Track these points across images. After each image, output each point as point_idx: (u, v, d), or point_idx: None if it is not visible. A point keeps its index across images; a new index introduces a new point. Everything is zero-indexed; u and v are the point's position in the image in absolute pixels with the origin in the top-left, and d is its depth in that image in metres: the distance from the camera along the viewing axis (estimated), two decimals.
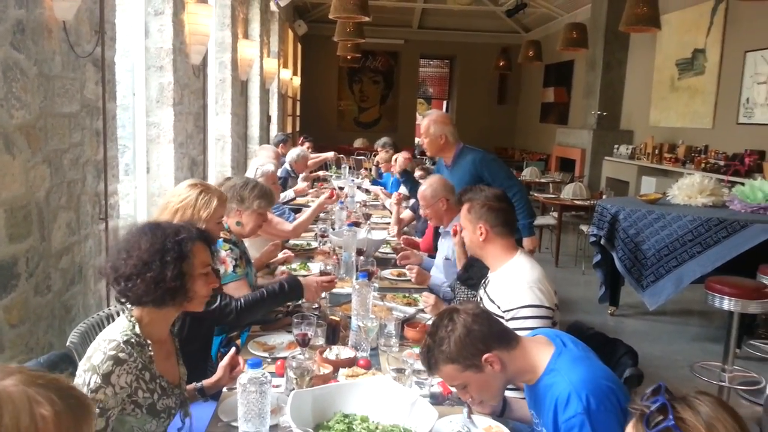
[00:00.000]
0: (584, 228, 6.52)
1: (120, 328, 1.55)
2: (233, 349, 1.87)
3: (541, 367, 1.56)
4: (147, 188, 4.37)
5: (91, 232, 3.01)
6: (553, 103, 13.19)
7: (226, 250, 2.48)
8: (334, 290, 2.71)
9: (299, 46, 13.89)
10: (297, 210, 4.81)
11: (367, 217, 4.40)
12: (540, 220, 7.48)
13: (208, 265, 1.62)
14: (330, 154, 6.98)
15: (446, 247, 3.15)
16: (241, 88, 7.00)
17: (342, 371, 1.91)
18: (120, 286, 1.53)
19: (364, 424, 1.46)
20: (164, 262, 1.50)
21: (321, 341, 2.12)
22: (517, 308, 1.97)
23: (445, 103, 18.32)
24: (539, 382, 1.55)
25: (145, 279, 1.49)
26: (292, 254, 3.36)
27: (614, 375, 1.62)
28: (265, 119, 9.08)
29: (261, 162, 4.34)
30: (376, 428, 1.46)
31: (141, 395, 1.52)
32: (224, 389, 1.84)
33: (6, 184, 2.22)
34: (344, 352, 2.04)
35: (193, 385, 1.84)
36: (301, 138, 7.50)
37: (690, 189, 4.78)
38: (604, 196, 6.82)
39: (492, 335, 1.55)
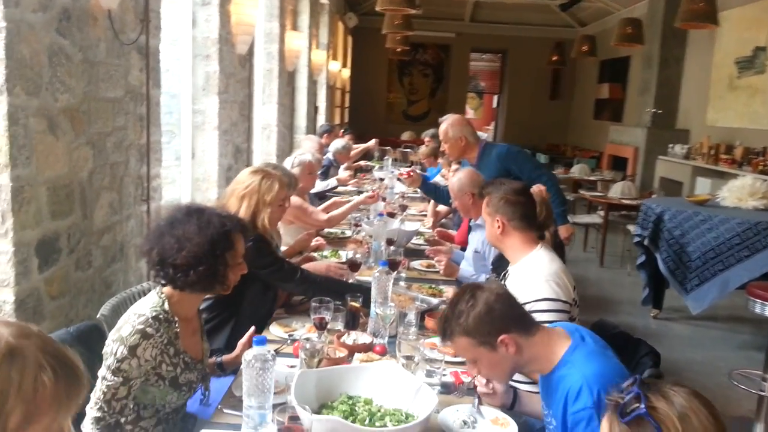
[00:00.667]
0: (631, 228, 6.35)
1: (150, 303, 1.62)
2: (252, 328, 1.92)
3: (556, 359, 1.55)
4: (192, 173, 4.50)
5: (133, 213, 3.13)
6: (607, 99, 12.85)
7: None
8: (362, 278, 2.74)
9: (349, 39, 13.97)
10: (322, 197, 4.87)
11: (404, 208, 4.41)
12: (586, 219, 7.34)
13: (242, 254, 1.70)
14: (372, 143, 7.00)
15: (476, 240, 3.13)
16: (288, 79, 7.10)
17: (357, 356, 1.94)
18: (166, 272, 1.60)
19: (366, 406, 1.49)
20: (215, 256, 1.58)
21: (340, 326, 2.15)
22: (533, 301, 1.95)
23: (495, 97, 18.12)
24: (553, 373, 1.55)
25: (197, 272, 1.57)
26: (325, 242, 3.41)
27: (623, 367, 1.59)
28: (312, 110, 9.19)
29: (302, 152, 4.41)
30: (378, 411, 1.48)
31: (165, 369, 1.60)
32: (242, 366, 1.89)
33: (50, 164, 2.34)
34: (362, 338, 2.07)
35: (213, 359, 1.90)
36: (342, 131, 7.56)
37: (740, 191, 4.60)
38: (653, 196, 6.62)
39: (512, 317, 1.55)
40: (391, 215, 3.97)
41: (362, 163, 7.27)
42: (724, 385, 3.69)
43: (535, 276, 2.05)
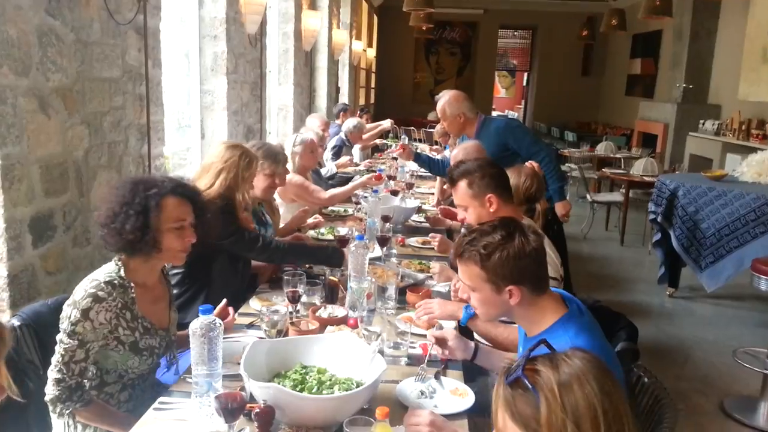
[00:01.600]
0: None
1: (106, 270, 1.67)
2: (224, 301, 1.96)
3: (546, 324, 1.51)
4: (201, 153, 4.57)
5: None
6: (639, 75, 12.51)
7: None
8: None
9: (374, 18, 13.87)
10: (331, 179, 4.86)
11: (410, 186, 4.40)
12: (607, 197, 7.19)
13: (182, 219, 1.69)
14: (386, 123, 6.97)
15: None
16: (305, 59, 7.11)
17: (329, 329, 1.96)
18: (102, 236, 1.65)
19: (318, 375, 1.51)
20: (127, 215, 1.60)
21: (317, 301, 2.17)
22: None
23: (525, 75, 17.82)
24: (538, 336, 1.51)
25: (110, 228, 1.60)
26: (323, 219, 3.43)
27: (614, 354, 1.59)
28: (334, 90, 9.19)
29: (304, 130, 4.43)
30: (329, 380, 1.50)
31: (122, 332, 1.65)
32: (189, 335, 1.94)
33: (42, 143, 2.41)
34: (338, 312, 2.09)
35: (185, 331, 1.95)
36: (359, 111, 7.54)
37: (760, 166, 4.45)
38: (676, 173, 6.45)
39: (532, 275, 1.50)
40: (394, 193, 3.96)
41: (378, 141, 7.26)
42: (730, 364, 3.61)
43: None
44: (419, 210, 3.87)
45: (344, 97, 10.30)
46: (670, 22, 9.44)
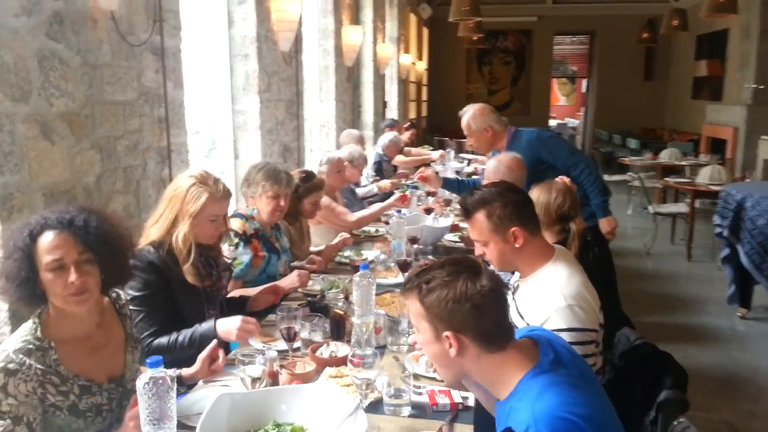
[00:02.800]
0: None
1: (21, 332, 1.48)
2: (214, 342, 1.79)
3: (512, 383, 1.27)
4: (235, 174, 4.48)
5: None
6: (705, 77, 11.82)
7: (230, 245, 2.42)
8: (379, 280, 2.52)
9: (424, 30, 13.71)
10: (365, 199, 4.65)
11: (448, 203, 4.15)
12: (671, 208, 6.71)
13: (57, 257, 1.42)
14: (436, 155, 6.71)
15: None
16: (348, 75, 7.00)
17: (328, 371, 1.76)
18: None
19: None
20: (14, 260, 1.41)
21: (320, 337, 1.97)
22: (555, 331, 1.61)
23: (584, 81, 17.23)
24: (506, 401, 1.28)
25: (10, 283, 1.41)
26: (350, 238, 3.23)
27: (605, 411, 1.28)
28: (381, 105, 9.05)
29: (342, 149, 4.27)
30: None
31: (53, 399, 1.45)
32: (200, 382, 1.76)
33: (45, 170, 2.32)
34: (342, 350, 1.88)
35: (173, 370, 1.77)
36: (408, 123, 7.34)
37: None
38: (746, 180, 5.93)
39: (477, 326, 1.28)
40: (428, 211, 3.73)
41: (424, 155, 6.98)
42: None
43: (553, 298, 1.74)
44: (455, 228, 3.62)
45: (392, 112, 10.15)
46: (736, 20, 8.84)
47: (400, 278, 2.62)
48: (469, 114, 3.35)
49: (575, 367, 1.32)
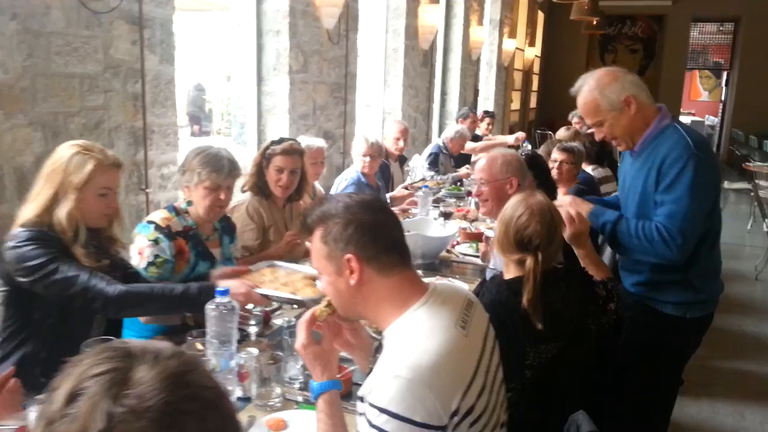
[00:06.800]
0: None
1: None
2: (11, 368, 1.42)
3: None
4: None
5: (123, 204, 2.82)
6: None
7: (149, 240, 2.04)
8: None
9: (539, 15, 12.73)
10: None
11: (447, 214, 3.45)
12: None
13: None
14: (511, 139, 5.97)
15: None
16: (423, 58, 6.47)
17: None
18: None
19: None
20: None
21: None
22: (374, 408, 1.07)
23: (725, 74, 15.31)
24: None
25: None
26: (296, 238, 2.73)
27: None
28: (471, 94, 8.42)
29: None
30: None
31: None
32: None
33: None
34: None
35: None
36: (482, 113, 6.67)
37: None
38: None
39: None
40: (446, 216, 3.17)
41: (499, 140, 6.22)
42: None
43: (388, 362, 1.12)
44: (475, 237, 3.01)
45: (488, 101, 9.48)
46: None
47: None
48: (591, 83, 2.02)
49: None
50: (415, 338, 1.12)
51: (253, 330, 1.80)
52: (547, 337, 1.58)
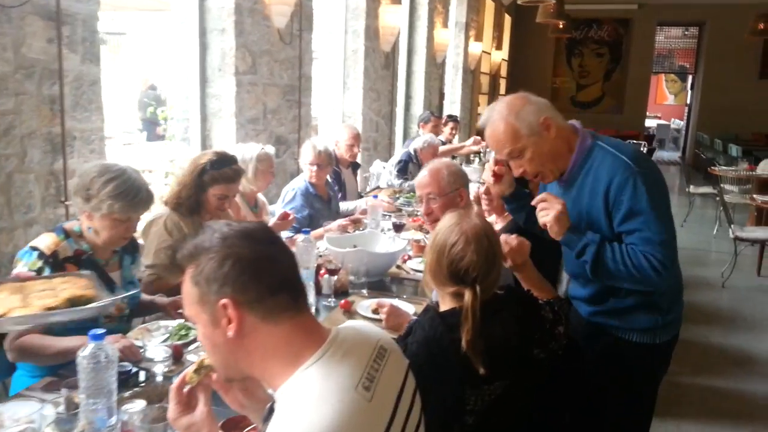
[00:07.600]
0: None
1: None
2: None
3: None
4: None
5: (39, 217, 2.57)
6: None
7: (31, 270, 1.78)
8: None
9: (506, 18, 12.65)
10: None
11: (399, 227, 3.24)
12: (758, 233, 5.46)
13: None
14: (469, 142, 5.78)
15: None
16: (384, 61, 6.27)
17: None
18: None
19: None
20: None
21: None
22: None
23: (690, 77, 15.47)
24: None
25: None
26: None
27: None
28: (436, 97, 8.26)
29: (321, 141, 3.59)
30: None
31: None
32: None
33: None
34: None
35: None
36: (445, 117, 6.50)
37: None
38: None
39: None
40: (397, 228, 2.97)
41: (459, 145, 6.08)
42: None
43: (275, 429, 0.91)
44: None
45: (455, 105, 9.33)
46: None
47: None
48: (503, 110, 1.80)
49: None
50: (303, 406, 0.91)
51: (159, 370, 1.56)
52: (489, 378, 1.37)
